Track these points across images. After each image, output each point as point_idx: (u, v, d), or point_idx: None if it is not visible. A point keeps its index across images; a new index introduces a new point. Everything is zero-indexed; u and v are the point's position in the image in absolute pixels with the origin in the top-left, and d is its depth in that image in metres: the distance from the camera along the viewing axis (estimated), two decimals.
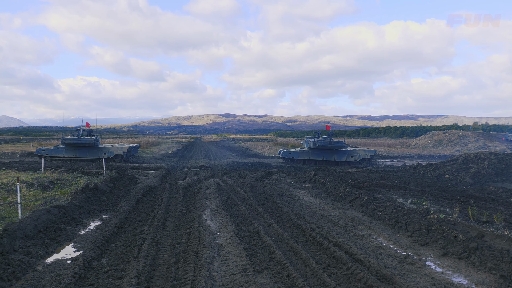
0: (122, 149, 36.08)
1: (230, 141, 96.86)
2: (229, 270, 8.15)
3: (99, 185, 17.45)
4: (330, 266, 8.55)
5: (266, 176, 24.92)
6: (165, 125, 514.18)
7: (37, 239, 9.99)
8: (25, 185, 17.81)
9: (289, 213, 13.55)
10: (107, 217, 13.25)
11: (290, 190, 19.15)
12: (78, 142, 35.74)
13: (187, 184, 20.29)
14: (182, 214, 13.50)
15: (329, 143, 35.67)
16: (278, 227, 11.67)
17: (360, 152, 36.49)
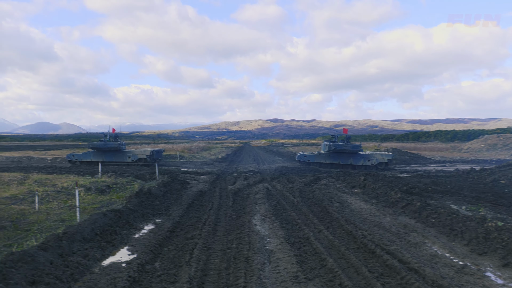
0: (145, 152, 37.25)
1: (278, 146, 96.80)
2: (280, 277, 8.00)
3: (152, 189, 17.75)
4: (384, 275, 8.24)
5: (315, 181, 24.61)
6: (214, 130, 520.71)
7: (94, 242, 10.21)
8: (83, 189, 18.37)
9: (339, 219, 13.25)
10: (160, 221, 13.41)
11: (340, 196, 18.78)
12: (103, 146, 37.28)
13: (237, 189, 20.31)
14: (232, 219, 13.48)
15: (345, 147, 35.21)
16: (328, 233, 11.42)
17: (377, 156, 35.74)
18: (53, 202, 16.19)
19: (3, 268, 7.27)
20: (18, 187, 19.57)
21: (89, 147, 38.58)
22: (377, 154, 36.40)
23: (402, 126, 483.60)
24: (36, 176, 22.44)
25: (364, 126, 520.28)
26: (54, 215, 13.59)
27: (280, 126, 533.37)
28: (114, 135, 38.81)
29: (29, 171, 28.05)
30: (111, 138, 38.23)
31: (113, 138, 38.43)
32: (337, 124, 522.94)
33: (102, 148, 37.46)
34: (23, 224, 12.20)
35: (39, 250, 8.38)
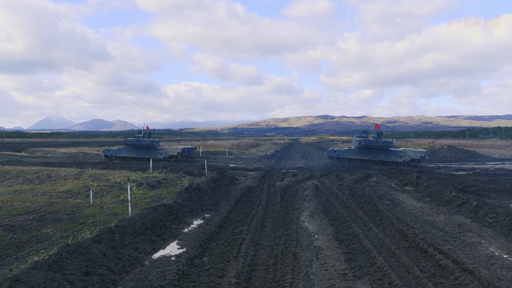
0: (176, 150, 38.42)
1: (327, 143, 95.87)
2: (328, 274, 7.93)
3: (201, 185, 18.03)
4: (436, 275, 8.00)
5: (365, 178, 24.22)
6: (263, 127, 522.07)
7: (145, 235, 10.50)
8: (135, 184, 18.92)
9: (390, 217, 12.98)
10: (209, 216, 13.61)
11: (391, 193, 18.39)
12: (137, 143, 38.86)
13: (285, 185, 20.30)
14: (280, 215, 13.49)
15: (375, 143, 34.72)
16: (378, 231, 11.21)
17: (409, 153, 34.95)
18: (107, 196, 16.78)
19: (59, 258, 7.60)
20: (74, 181, 20.40)
21: (123, 143, 40.56)
22: (409, 150, 35.62)
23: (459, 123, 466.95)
24: (91, 171, 23.30)
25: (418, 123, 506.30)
26: (107, 209, 14.09)
27: (330, 123, 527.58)
28: (148, 132, 40.22)
29: (84, 166, 29.20)
30: (145, 135, 39.66)
31: (147, 135, 39.82)
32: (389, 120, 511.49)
33: (135, 145, 39.12)
34: (79, 217, 12.72)
35: (93, 243, 8.71)
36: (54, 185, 19.66)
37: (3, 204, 14.20)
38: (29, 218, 12.02)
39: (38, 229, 11.05)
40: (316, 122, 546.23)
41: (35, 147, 62.17)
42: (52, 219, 12.21)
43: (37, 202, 14.92)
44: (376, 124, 38.17)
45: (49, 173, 22.24)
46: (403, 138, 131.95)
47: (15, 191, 17.82)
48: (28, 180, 21.08)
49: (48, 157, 46.58)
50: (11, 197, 15.95)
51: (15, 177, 21.65)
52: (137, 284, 7.52)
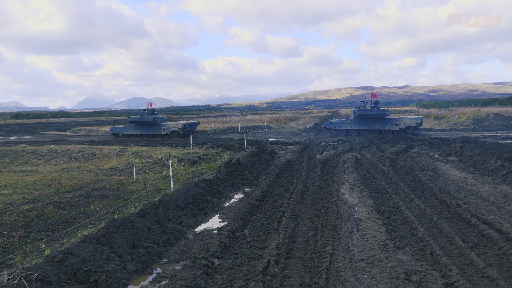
0: (178, 125, 40.00)
1: None
2: (368, 245, 8.01)
3: (241, 159, 18.28)
4: (479, 245, 7.95)
5: (407, 149, 23.87)
6: (302, 100, 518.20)
7: (187, 209, 10.84)
8: (176, 160, 19.37)
9: (432, 188, 12.84)
10: (249, 190, 13.85)
11: (433, 164, 18.11)
12: (140, 120, 40.56)
13: (325, 158, 20.30)
14: (320, 188, 13.57)
15: (370, 112, 35.33)
16: (420, 202, 11.15)
17: (405, 120, 35.31)
18: (149, 172, 17.28)
19: (107, 232, 7.99)
20: (117, 159, 21.07)
21: (128, 121, 42.18)
22: (404, 118, 36.05)
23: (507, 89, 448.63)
24: (133, 149, 23.95)
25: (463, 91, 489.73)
26: (150, 185, 14.56)
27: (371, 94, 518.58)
28: (151, 109, 41.82)
29: (126, 144, 30.04)
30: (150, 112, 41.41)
31: (151, 112, 41.47)
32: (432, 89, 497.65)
33: (139, 122, 40.87)
34: (123, 193, 13.22)
35: (138, 217, 9.09)
36: (99, 163, 20.38)
37: (52, 182, 14.88)
38: (77, 195, 12.57)
39: (86, 205, 11.57)
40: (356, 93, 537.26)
41: (78, 126, 64.14)
42: (98, 196, 12.74)
43: (83, 180, 15.55)
44: (372, 93, 38.82)
45: (93, 151, 23.02)
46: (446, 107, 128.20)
47: (62, 169, 18.60)
48: (74, 158, 21.92)
49: (91, 135, 48.06)
50: (58, 175, 16.68)
51: (61, 156, 22.54)
52: (181, 256, 7.84)
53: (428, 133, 36.00)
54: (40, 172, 17.61)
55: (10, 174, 17.18)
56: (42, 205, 11.04)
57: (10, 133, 52.02)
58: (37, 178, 15.64)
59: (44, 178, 15.66)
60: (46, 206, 10.98)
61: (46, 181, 15.12)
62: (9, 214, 9.94)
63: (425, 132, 37.23)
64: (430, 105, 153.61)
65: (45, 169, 18.87)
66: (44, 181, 15.01)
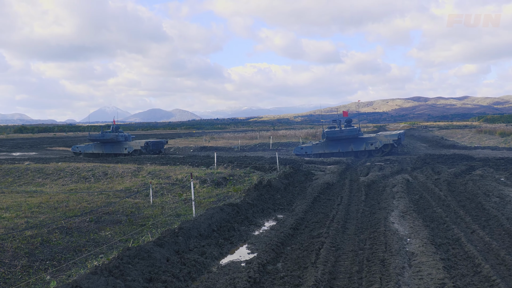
0: (140, 144, 41.05)
1: (421, 130, 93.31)
2: (423, 284, 7.85)
3: (272, 181, 18.28)
4: None
5: (467, 171, 23.43)
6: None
7: (211, 238, 10.87)
8: (198, 181, 19.53)
9: (499, 217, 12.53)
10: (282, 217, 13.81)
11: (500, 189, 17.68)
12: (101, 138, 42.07)
13: (370, 181, 20.12)
14: (365, 216, 13.43)
15: (340, 133, 35.68)
16: (484, 234, 10.89)
17: (380, 138, 35.43)
18: (168, 195, 17.47)
19: (120, 263, 8.08)
20: (132, 179, 21.39)
21: (88, 139, 44.36)
22: (380, 135, 36.57)
23: None
24: (150, 168, 24.26)
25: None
26: (168, 209, 14.70)
27: (423, 106, 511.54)
28: (115, 126, 43.44)
29: (142, 162, 30.44)
30: (113, 130, 42.89)
31: (115, 129, 42.95)
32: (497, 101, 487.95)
33: (100, 140, 42.45)
34: (138, 218, 13.38)
35: (155, 246, 9.16)
36: (111, 183, 20.72)
37: (59, 205, 15.18)
38: (86, 219, 12.78)
39: (96, 232, 11.75)
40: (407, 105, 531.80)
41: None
42: (110, 221, 12.92)
43: (93, 202, 15.82)
44: (344, 111, 39.50)
45: (105, 170, 23.43)
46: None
47: (70, 190, 18.98)
48: (83, 178, 22.36)
49: None
50: (66, 197, 17.02)
51: (69, 175, 23.02)
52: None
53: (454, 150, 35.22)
54: (46, 193, 18.01)
55: (13, 195, 17.63)
56: (47, 230, 11.26)
57: (13, 149, 53.51)
58: (42, 200, 15.99)
59: (50, 200, 16.01)
60: (52, 232, 11.18)
61: (52, 203, 15.45)
62: (11, 240, 10.17)
63: (484, 151, 36.51)
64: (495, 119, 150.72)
65: (51, 190, 19.30)
66: (50, 204, 15.34)
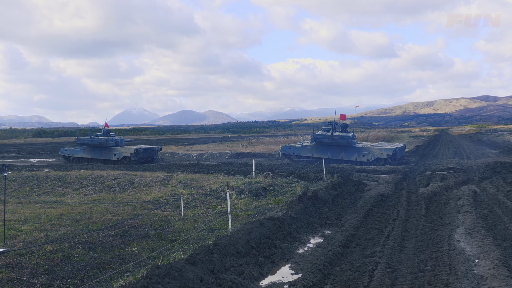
0: (129, 150, 42.13)
1: (489, 134, 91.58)
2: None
3: (318, 192, 18.18)
4: None
5: None
6: (398, 114, 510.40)
7: (250, 256, 10.85)
8: (235, 192, 19.57)
9: None
10: (330, 232, 13.70)
11: None
12: (90, 142, 43.92)
13: (431, 193, 19.80)
14: (425, 233, 13.22)
15: (331, 138, 36.93)
16: None
17: (374, 151, 37.07)
18: (200, 207, 17.56)
19: (149, 283, 8.13)
20: (161, 189, 21.61)
21: (76, 142, 46.23)
22: (374, 148, 37.84)
23: None
24: (181, 176, 24.48)
25: None
26: (202, 223, 14.77)
27: (492, 106, 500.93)
28: (107, 130, 44.74)
29: (172, 170, 30.77)
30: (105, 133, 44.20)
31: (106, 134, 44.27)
32: None
33: (89, 144, 44.24)
34: (168, 232, 13.48)
35: (187, 264, 9.19)
36: (138, 194, 20.99)
37: (81, 217, 15.46)
38: (111, 233, 12.97)
39: (121, 247, 11.89)
40: (473, 105, 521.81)
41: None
42: (137, 235, 13.07)
43: (118, 214, 16.04)
44: (341, 114, 40.61)
45: (132, 179, 23.76)
46: None
47: (93, 201, 19.31)
48: (107, 187, 22.72)
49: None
50: (89, 208, 17.31)
51: (92, 184, 23.43)
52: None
53: None
54: (67, 204, 18.38)
55: (31, 205, 18.06)
56: (68, 245, 11.47)
57: (31, 155, 54.91)
58: (63, 212, 16.33)
59: (72, 212, 16.33)
60: (74, 247, 11.38)
61: (73, 215, 15.75)
62: (29, 255, 10.39)
63: None
64: None
65: (72, 200, 19.69)
66: (72, 216, 15.64)
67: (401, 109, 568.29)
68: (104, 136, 44.05)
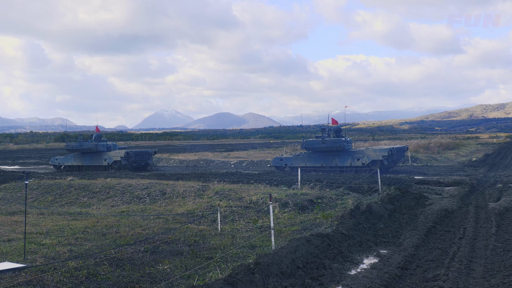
0: (119, 154, 43.25)
1: None
2: None
3: (373, 206, 18.02)
4: None
5: None
6: (464, 118, 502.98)
7: (295, 277, 10.80)
8: (278, 204, 19.53)
9: None
10: (386, 252, 13.55)
11: None
12: (79, 148, 45.32)
13: (503, 208, 19.41)
14: (497, 254, 12.96)
15: (322, 143, 37.50)
16: None
17: (368, 153, 38.07)
18: (239, 221, 17.59)
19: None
20: (195, 200, 21.74)
21: (65, 149, 48.00)
22: (368, 150, 39.23)
23: None
24: (217, 186, 24.55)
25: None
26: (241, 239, 14.78)
27: None
28: (97, 135, 46.18)
29: (208, 179, 30.92)
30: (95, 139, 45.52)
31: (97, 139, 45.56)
32: None
33: (78, 150, 45.70)
34: (203, 249, 13.53)
35: (225, 285, 9.21)
36: (170, 205, 21.16)
37: (108, 230, 15.66)
38: (140, 249, 13.08)
39: (152, 265, 11.97)
40: None
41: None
42: (169, 252, 13.15)
43: (149, 228, 16.19)
44: (333, 119, 41.10)
45: (163, 189, 23.97)
46: None
47: (121, 213, 19.56)
48: (136, 197, 22.98)
49: (160, 166, 50.18)
50: (116, 220, 17.53)
51: (120, 194, 23.73)
52: None
53: None
54: (92, 216, 18.65)
55: (54, 217, 18.39)
56: (94, 261, 11.62)
57: None
58: (88, 224, 16.57)
59: (98, 225, 16.56)
60: (100, 264, 11.52)
61: (99, 228, 15.97)
62: (52, 272, 10.55)
63: None
64: None
65: (98, 212, 19.96)
66: (98, 229, 15.86)
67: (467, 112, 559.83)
68: (95, 141, 45.30)
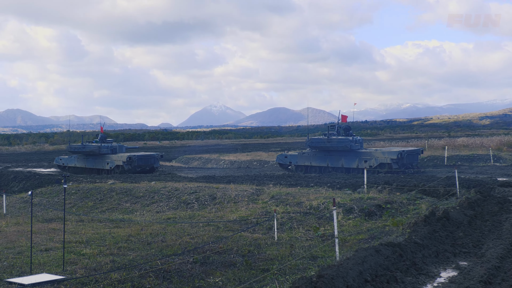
0: (122, 158, 43.71)
1: None
2: None
3: (450, 212, 17.75)
4: None
5: None
6: None
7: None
8: (342, 210, 19.39)
9: None
10: (466, 264, 13.34)
11: None
12: (82, 149, 46.54)
13: None
14: None
15: (327, 142, 38.07)
16: None
17: (377, 155, 39.07)
18: (298, 228, 17.54)
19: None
20: (248, 205, 21.74)
21: (67, 150, 49.68)
22: (377, 152, 40.31)
23: None
24: (273, 190, 24.51)
25: None
26: (300, 249, 14.72)
27: None
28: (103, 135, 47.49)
29: (262, 181, 30.91)
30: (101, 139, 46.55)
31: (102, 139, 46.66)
32: None
33: (81, 152, 47.00)
34: (259, 260, 13.51)
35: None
36: (221, 211, 21.24)
37: (153, 239, 15.80)
38: (189, 260, 13.15)
39: (202, 277, 12.01)
40: None
41: (190, 154, 67.74)
42: (221, 263, 13.18)
43: (198, 237, 16.28)
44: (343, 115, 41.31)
45: (213, 193, 24.06)
46: None
47: (167, 220, 19.72)
48: (183, 203, 23.14)
49: (209, 168, 50.58)
50: (162, 228, 17.68)
51: (166, 199, 23.94)
52: None
53: None
54: (136, 223, 18.87)
55: (94, 224, 18.67)
56: (139, 273, 11.73)
57: None
58: (132, 232, 16.76)
59: (142, 233, 16.73)
60: (145, 276, 11.63)
61: (144, 236, 16.14)
62: (93, 284, 10.71)
63: None
64: None
65: (142, 219, 20.19)
66: (142, 237, 16.03)
67: None
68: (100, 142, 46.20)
